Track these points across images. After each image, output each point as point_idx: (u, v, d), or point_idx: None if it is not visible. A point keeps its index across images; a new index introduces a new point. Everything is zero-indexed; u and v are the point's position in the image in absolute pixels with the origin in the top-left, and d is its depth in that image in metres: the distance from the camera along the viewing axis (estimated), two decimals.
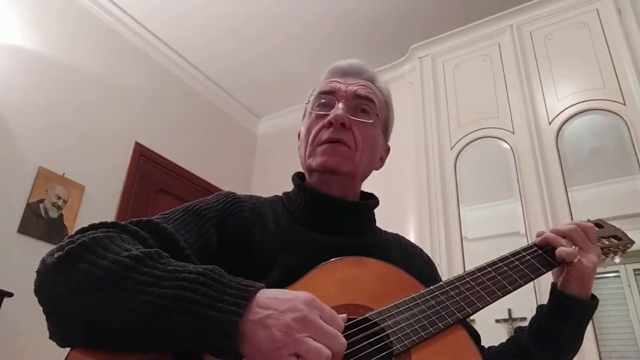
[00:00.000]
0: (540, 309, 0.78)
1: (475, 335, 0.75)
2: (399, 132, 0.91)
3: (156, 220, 0.64)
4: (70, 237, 0.56)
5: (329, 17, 3.11)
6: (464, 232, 2.22)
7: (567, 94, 2.19)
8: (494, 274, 0.71)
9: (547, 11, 2.41)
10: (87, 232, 0.57)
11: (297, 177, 0.84)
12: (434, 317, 0.62)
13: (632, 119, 1.99)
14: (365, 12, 3.06)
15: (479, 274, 0.70)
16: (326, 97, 0.81)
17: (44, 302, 0.53)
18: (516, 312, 2.04)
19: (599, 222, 0.88)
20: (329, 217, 0.78)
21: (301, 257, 0.69)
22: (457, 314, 0.63)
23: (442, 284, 0.68)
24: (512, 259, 0.74)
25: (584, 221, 0.81)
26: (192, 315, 0.47)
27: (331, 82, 0.83)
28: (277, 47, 3.38)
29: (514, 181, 2.19)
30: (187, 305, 0.47)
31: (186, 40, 3.36)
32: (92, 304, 0.49)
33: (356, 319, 0.60)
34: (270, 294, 0.50)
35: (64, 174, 2.60)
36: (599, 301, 0.76)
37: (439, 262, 2.15)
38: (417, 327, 0.60)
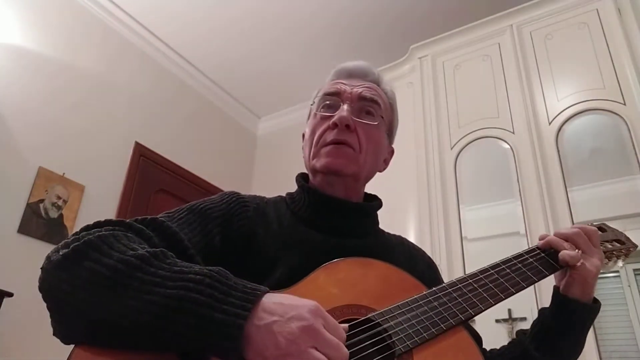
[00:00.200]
0: (542, 312, 0.78)
1: (477, 337, 0.75)
2: (399, 132, 0.91)
3: (161, 218, 0.65)
4: (75, 234, 0.56)
5: (329, 17, 3.11)
6: (464, 232, 2.22)
7: (567, 94, 2.19)
8: (496, 276, 0.71)
9: (547, 11, 2.41)
10: (93, 230, 0.57)
11: (301, 177, 0.84)
12: (436, 318, 0.62)
13: (632, 119, 1.99)
14: (365, 13, 3.06)
15: (481, 276, 0.71)
16: (331, 99, 0.81)
17: (48, 298, 0.53)
18: (516, 312, 2.04)
19: (602, 226, 0.88)
20: (332, 218, 0.78)
21: (304, 257, 0.69)
22: (460, 316, 0.64)
23: (444, 285, 0.68)
24: (515, 261, 0.74)
25: (587, 225, 0.81)
26: (197, 316, 0.47)
27: (336, 83, 0.83)
28: (277, 47, 3.37)
29: (514, 181, 2.19)
30: (193, 306, 0.47)
31: (186, 39, 3.36)
32: (96, 302, 0.49)
33: (358, 319, 0.60)
34: (275, 299, 0.50)
35: (64, 174, 2.59)
36: (601, 305, 0.75)
37: (439, 262, 2.15)
38: (419, 328, 0.60)
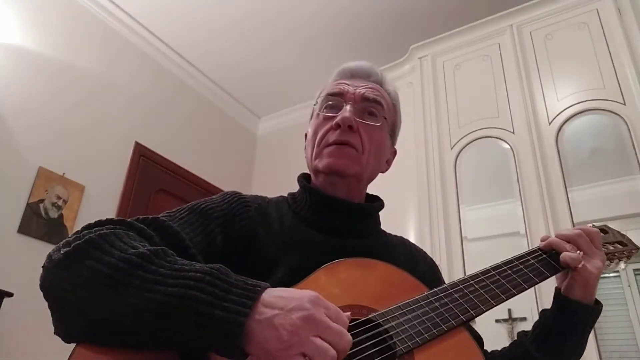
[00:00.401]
0: (543, 313, 0.78)
1: (478, 339, 0.75)
2: (399, 132, 0.91)
3: (162, 218, 0.65)
4: (76, 232, 0.56)
5: (329, 17, 3.10)
6: (464, 232, 2.22)
7: (567, 94, 2.19)
8: (498, 277, 0.71)
9: (547, 11, 2.41)
10: (94, 229, 0.57)
11: (303, 178, 0.84)
12: (437, 319, 0.62)
13: (632, 119, 1.99)
14: (365, 13, 3.06)
15: (483, 277, 0.71)
16: (334, 99, 0.81)
17: (50, 297, 0.53)
18: (516, 312, 2.05)
19: (604, 228, 0.88)
20: (334, 218, 0.78)
21: (305, 257, 0.69)
22: (461, 317, 0.64)
23: (445, 286, 0.68)
24: (516, 262, 0.74)
25: (589, 226, 0.81)
26: (198, 314, 0.47)
27: (339, 83, 0.83)
28: (278, 47, 3.37)
29: (514, 181, 2.19)
30: (194, 304, 0.47)
31: (186, 39, 3.36)
32: (97, 300, 0.49)
33: (360, 319, 0.60)
34: (276, 292, 0.50)
35: (64, 174, 2.59)
36: (603, 306, 0.75)
37: (439, 262, 2.15)
38: (420, 328, 0.60)
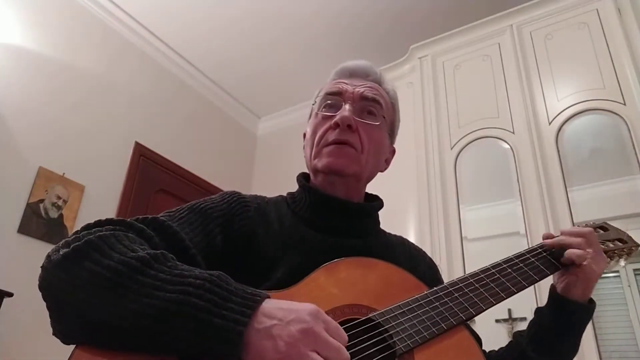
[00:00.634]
0: (538, 312, 0.78)
1: (476, 338, 0.75)
2: (399, 132, 0.91)
3: (162, 218, 0.64)
4: (76, 233, 0.56)
5: (329, 17, 3.10)
6: (464, 232, 2.22)
7: (567, 94, 2.19)
8: (497, 275, 0.71)
9: (547, 11, 2.41)
10: (94, 229, 0.56)
11: (302, 177, 0.84)
12: (437, 318, 0.62)
13: (632, 119, 1.99)
14: (365, 13, 3.06)
15: (482, 276, 0.71)
16: (333, 98, 0.81)
17: (48, 298, 0.53)
18: (516, 312, 2.04)
19: (603, 225, 0.88)
20: (333, 218, 0.78)
21: (304, 257, 0.69)
22: (460, 315, 0.64)
23: (445, 285, 0.68)
24: (517, 260, 0.74)
25: (589, 224, 0.81)
26: (196, 321, 0.47)
27: (338, 83, 0.83)
28: (278, 47, 3.37)
29: (514, 181, 2.19)
30: (192, 311, 0.47)
31: (186, 39, 3.36)
32: (96, 303, 0.49)
33: (359, 319, 0.60)
34: (275, 304, 0.50)
35: (64, 174, 2.59)
36: (596, 304, 0.76)
37: (439, 262, 2.15)
38: (420, 327, 0.60)
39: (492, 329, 2.05)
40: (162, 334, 0.47)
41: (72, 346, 0.51)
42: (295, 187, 0.85)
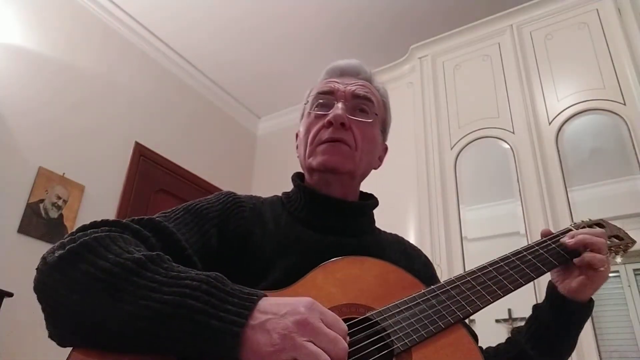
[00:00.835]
0: (537, 310, 0.77)
1: (473, 336, 0.75)
2: (399, 132, 0.92)
3: (158, 219, 0.64)
4: (71, 234, 0.56)
5: (329, 17, 3.10)
6: (464, 232, 2.22)
7: (567, 94, 2.19)
8: (495, 273, 0.71)
9: (547, 11, 2.41)
10: (89, 231, 0.56)
11: (297, 177, 0.84)
12: (434, 316, 0.62)
13: (632, 119, 1.99)
14: (365, 13, 3.06)
15: (480, 273, 0.71)
16: (325, 97, 0.82)
17: (43, 300, 0.52)
18: (516, 312, 2.04)
19: (600, 222, 0.88)
20: (329, 217, 0.78)
21: (301, 257, 0.69)
22: (458, 313, 0.63)
23: (442, 283, 0.68)
24: (513, 258, 0.74)
25: (586, 220, 0.81)
26: (193, 323, 0.46)
27: (329, 82, 0.83)
28: (277, 47, 3.37)
29: (514, 181, 2.19)
30: (189, 312, 0.47)
31: (187, 40, 3.36)
32: (91, 305, 0.49)
33: (357, 318, 0.60)
34: (271, 300, 0.50)
35: (64, 174, 2.59)
36: (596, 304, 0.76)
37: (439, 262, 2.15)
38: (417, 326, 0.60)
39: (492, 329, 2.05)
40: (159, 336, 0.47)
41: (70, 348, 0.51)
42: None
